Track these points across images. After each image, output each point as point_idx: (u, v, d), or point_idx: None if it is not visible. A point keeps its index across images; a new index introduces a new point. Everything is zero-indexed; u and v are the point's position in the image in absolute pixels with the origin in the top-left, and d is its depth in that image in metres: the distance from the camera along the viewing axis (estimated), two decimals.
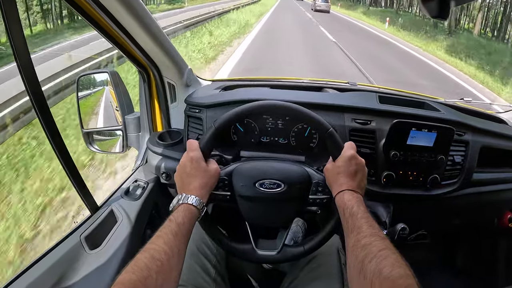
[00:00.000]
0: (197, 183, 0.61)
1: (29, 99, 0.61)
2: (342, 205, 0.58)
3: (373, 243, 0.47)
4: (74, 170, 0.73)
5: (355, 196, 0.59)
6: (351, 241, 0.51)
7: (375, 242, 0.48)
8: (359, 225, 0.52)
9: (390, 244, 0.48)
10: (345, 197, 0.59)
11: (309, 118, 0.66)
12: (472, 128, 0.94)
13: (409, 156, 0.85)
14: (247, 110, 0.67)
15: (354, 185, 0.61)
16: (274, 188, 0.66)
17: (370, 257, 0.45)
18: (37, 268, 0.65)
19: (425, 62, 8.77)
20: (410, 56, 9.58)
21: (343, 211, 0.57)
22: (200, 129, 0.92)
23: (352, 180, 0.61)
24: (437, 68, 8.14)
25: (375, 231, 0.50)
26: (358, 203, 0.57)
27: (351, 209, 0.56)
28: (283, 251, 0.69)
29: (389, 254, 0.45)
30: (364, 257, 0.46)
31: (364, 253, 0.47)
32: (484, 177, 1.00)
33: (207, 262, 0.76)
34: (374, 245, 0.47)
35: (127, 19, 0.71)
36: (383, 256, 0.45)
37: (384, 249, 0.46)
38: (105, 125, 1.01)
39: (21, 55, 0.56)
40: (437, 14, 0.42)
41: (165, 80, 0.97)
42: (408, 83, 5.76)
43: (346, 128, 0.86)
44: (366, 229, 0.51)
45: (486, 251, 1.28)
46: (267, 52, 7.34)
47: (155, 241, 0.50)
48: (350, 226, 0.53)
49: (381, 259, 0.44)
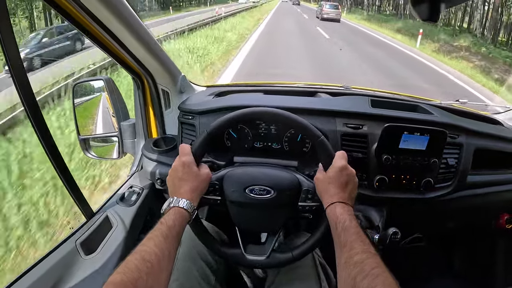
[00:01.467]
0: (188, 187, 0.62)
1: (22, 104, 0.63)
2: (334, 219, 0.58)
3: (365, 261, 0.49)
4: (68, 177, 0.74)
5: (346, 210, 0.59)
6: (344, 256, 0.52)
7: (367, 260, 0.49)
8: (351, 241, 0.53)
9: (380, 262, 0.49)
10: (337, 210, 0.59)
11: (299, 125, 0.67)
12: (466, 130, 0.94)
13: (402, 160, 0.85)
14: (239, 116, 0.68)
15: (345, 196, 0.61)
16: (264, 194, 0.67)
17: (363, 275, 0.47)
18: (33, 273, 0.66)
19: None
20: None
21: (335, 225, 0.57)
22: (193, 135, 0.93)
23: (343, 191, 0.62)
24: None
25: (366, 247, 0.51)
26: (350, 217, 0.57)
27: (343, 223, 0.56)
28: (271, 257, 0.70)
29: (380, 272, 0.47)
30: (357, 275, 0.47)
31: (357, 270, 0.48)
32: (479, 179, 1.00)
33: (207, 268, 0.77)
34: (367, 263, 0.49)
35: (118, 27, 0.72)
36: (375, 275, 0.46)
37: (376, 267, 0.48)
38: (101, 131, 1.02)
39: (12, 59, 0.57)
40: (427, 17, 0.42)
41: (159, 87, 0.98)
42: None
43: (337, 133, 0.87)
44: (358, 245, 0.52)
45: (484, 253, 1.27)
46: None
47: (146, 243, 0.52)
48: (343, 241, 0.54)
49: (373, 278, 0.46)
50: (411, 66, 8.28)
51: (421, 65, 8.62)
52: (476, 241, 1.30)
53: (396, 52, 10.43)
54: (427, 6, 0.41)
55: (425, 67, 8.50)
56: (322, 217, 0.68)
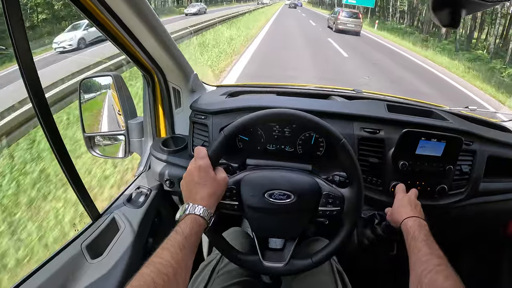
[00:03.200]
0: (205, 192, 0.59)
1: (31, 104, 0.60)
2: (406, 231, 0.66)
3: (431, 260, 0.55)
4: (75, 176, 0.71)
5: (416, 222, 0.67)
6: (413, 259, 0.58)
7: (432, 260, 0.55)
8: (419, 247, 0.59)
9: (446, 262, 0.55)
10: (408, 224, 0.67)
11: (322, 128, 0.65)
12: (480, 137, 0.94)
13: (418, 166, 0.84)
14: (259, 117, 0.65)
15: (416, 213, 0.70)
16: (284, 199, 0.64)
17: (427, 271, 0.53)
18: (37, 277, 0.63)
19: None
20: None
21: (407, 236, 0.65)
22: (205, 136, 0.90)
23: (412, 211, 0.71)
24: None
25: (432, 251, 0.57)
26: (420, 228, 0.64)
27: (413, 234, 0.63)
28: (290, 263, 0.67)
29: (444, 268, 0.52)
30: (422, 272, 0.53)
31: (422, 268, 0.54)
32: (491, 187, 0.99)
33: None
34: (432, 262, 0.54)
35: (135, 22, 0.70)
36: (438, 270, 0.52)
37: (440, 265, 0.53)
38: (107, 129, 0.99)
39: (23, 57, 0.54)
40: (448, 23, 0.41)
41: (170, 85, 0.95)
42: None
43: (355, 137, 0.85)
44: (426, 249, 0.58)
45: (491, 260, 1.27)
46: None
47: (161, 254, 0.48)
48: (412, 247, 0.61)
49: (435, 272, 0.52)
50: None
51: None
52: (484, 249, 1.30)
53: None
54: (448, 12, 0.41)
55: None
56: (343, 221, 0.66)
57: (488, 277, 1.28)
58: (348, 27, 13.55)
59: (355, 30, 13.73)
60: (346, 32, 13.50)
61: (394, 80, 6.58)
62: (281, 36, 11.45)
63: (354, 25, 13.61)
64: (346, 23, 13.59)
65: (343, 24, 13.60)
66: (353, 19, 13.82)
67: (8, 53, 4.83)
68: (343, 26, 13.57)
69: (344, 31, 13.50)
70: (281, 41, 10.36)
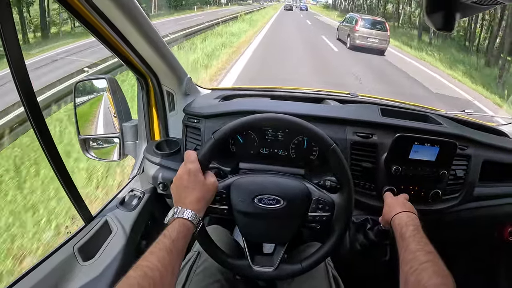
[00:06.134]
0: (194, 196, 0.59)
1: (22, 106, 0.60)
2: (395, 229, 0.65)
3: (416, 258, 0.53)
4: (68, 179, 0.71)
5: (404, 218, 0.66)
6: (400, 258, 0.58)
7: (418, 257, 0.53)
8: (406, 244, 0.58)
9: (433, 257, 0.53)
10: (396, 222, 0.66)
11: (311, 133, 0.65)
12: (474, 142, 0.93)
13: (411, 170, 0.84)
14: (249, 122, 0.65)
15: (404, 208, 0.70)
16: (273, 204, 0.64)
17: (412, 270, 0.52)
18: (28, 279, 0.63)
19: None
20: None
21: (396, 235, 0.65)
22: (198, 140, 0.91)
23: (401, 207, 0.71)
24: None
25: (420, 247, 0.56)
26: (407, 224, 0.63)
27: (401, 231, 0.62)
28: (279, 268, 0.67)
29: (429, 266, 0.51)
30: (408, 271, 0.52)
31: (408, 267, 0.53)
32: (486, 192, 0.99)
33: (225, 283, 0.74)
34: (417, 260, 0.53)
35: (126, 26, 0.70)
36: (423, 268, 0.51)
37: (425, 262, 0.52)
38: (102, 132, 0.99)
39: (14, 57, 0.54)
40: (442, 27, 0.41)
41: (164, 88, 0.96)
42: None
43: (347, 141, 0.85)
44: (412, 246, 0.57)
45: (485, 264, 1.26)
46: None
47: (148, 257, 0.48)
48: (400, 246, 0.60)
49: (420, 271, 0.51)
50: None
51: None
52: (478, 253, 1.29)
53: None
54: (442, 15, 0.40)
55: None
56: (334, 227, 0.66)
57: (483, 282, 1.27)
58: (370, 43, 9.26)
59: (379, 47, 9.33)
60: (366, 49, 9.19)
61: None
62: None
63: (378, 40, 9.36)
64: (368, 36, 9.31)
65: (363, 38, 9.29)
66: (377, 30, 9.50)
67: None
68: (362, 41, 9.27)
69: (364, 48, 9.19)
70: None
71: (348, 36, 9.95)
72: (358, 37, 9.41)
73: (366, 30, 9.50)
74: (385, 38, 9.61)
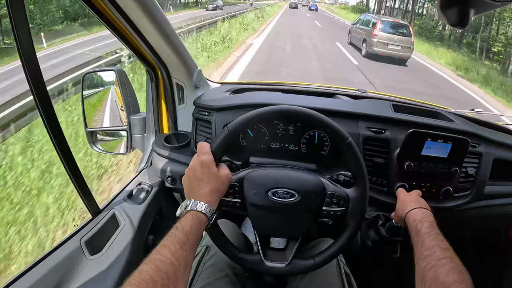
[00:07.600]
0: (207, 188, 0.57)
1: (33, 99, 0.59)
2: (409, 226, 0.64)
3: (433, 254, 0.52)
4: (76, 171, 0.70)
5: (419, 214, 0.64)
6: (416, 254, 0.56)
7: (435, 254, 0.52)
8: (422, 240, 0.57)
9: (450, 254, 0.52)
10: (410, 219, 0.65)
11: (327, 126, 0.64)
12: (486, 139, 0.92)
13: (423, 167, 0.83)
14: (263, 114, 0.63)
15: (418, 204, 0.69)
16: (287, 197, 0.63)
17: (429, 266, 0.51)
18: (35, 272, 0.62)
19: None
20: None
21: (411, 231, 0.63)
22: (208, 133, 0.89)
23: (414, 203, 0.70)
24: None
25: (436, 243, 0.55)
26: (422, 220, 0.62)
27: (416, 228, 0.61)
28: (292, 264, 0.66)
29: (446, 262, 0.50)
30: (425, 267, 0.51)
31: (425, 263, 0.52)
32: (496, 190, 0.98)
33: (234, 277, 0.73)
34: (434, 256, 0.52)
35: (140, 17, 0.69)
36: (441, 265, 0.50)
37: (443, 259, 0.51)
38: (109, 124, 0.98)
39: (26, 52, 0.53)
40: (456, 22, 0.40)
41: (174, 80, 0.94)
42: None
43: (360, 136, 0.84)
44: (428, 243, 0.56)
45: (494, 263, 1.25)
46: None
47: (160, 251, 0.47)
48: (416, 242, 0.59)
49: (438, 267, 0.50)
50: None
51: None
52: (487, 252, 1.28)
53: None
54: (456, 11, 0.39)
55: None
56: (347, 223, 0.65)
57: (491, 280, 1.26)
58: (391, 51, 7.80)
59: (402, 55, 7.93)
60: (385, 57, 7.79)
61: None
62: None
63: (400, 47, 7.83)
64: (388, 42, 7.77)
65: (382, 44, 7.76)
66: (400, 36, 7.92)
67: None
68: (381, 48, 7.77)
69: (383, 56, 7.78)
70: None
71: (364, 42, 8.34)
72: (376, 43, 7.86)
73: (386, 35, 7.90)
74: (409, 45, 8.02)
